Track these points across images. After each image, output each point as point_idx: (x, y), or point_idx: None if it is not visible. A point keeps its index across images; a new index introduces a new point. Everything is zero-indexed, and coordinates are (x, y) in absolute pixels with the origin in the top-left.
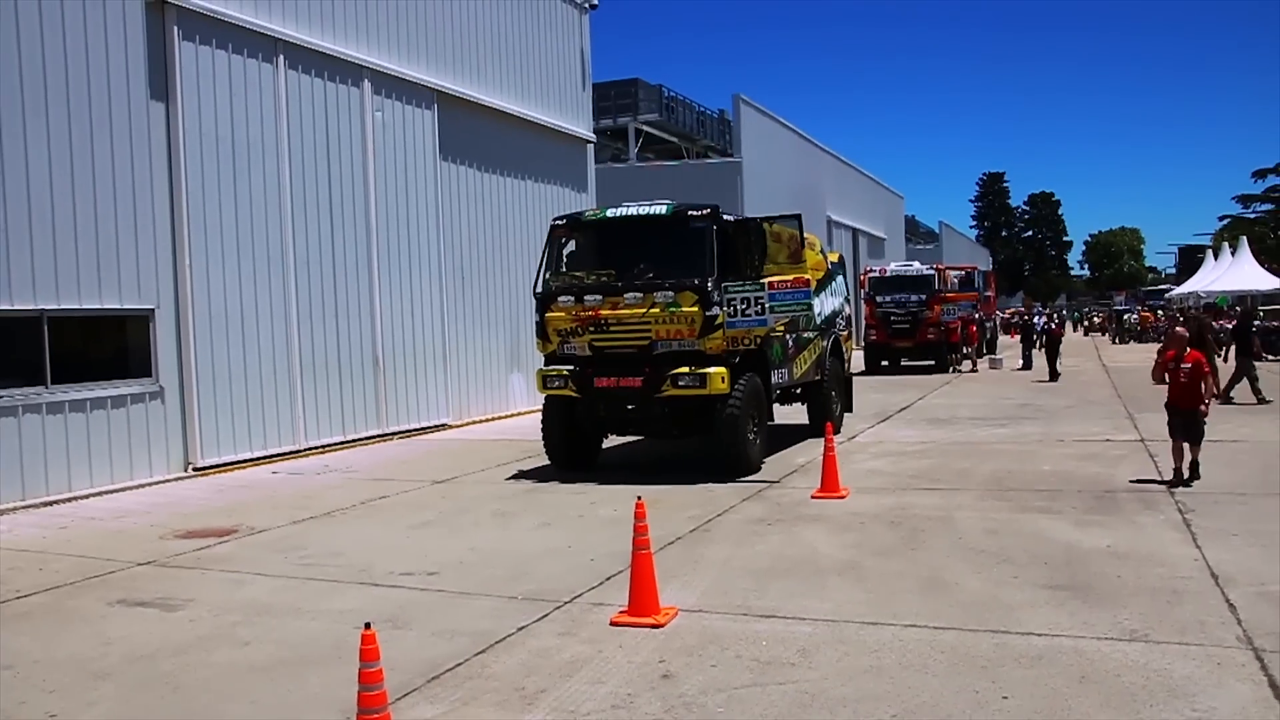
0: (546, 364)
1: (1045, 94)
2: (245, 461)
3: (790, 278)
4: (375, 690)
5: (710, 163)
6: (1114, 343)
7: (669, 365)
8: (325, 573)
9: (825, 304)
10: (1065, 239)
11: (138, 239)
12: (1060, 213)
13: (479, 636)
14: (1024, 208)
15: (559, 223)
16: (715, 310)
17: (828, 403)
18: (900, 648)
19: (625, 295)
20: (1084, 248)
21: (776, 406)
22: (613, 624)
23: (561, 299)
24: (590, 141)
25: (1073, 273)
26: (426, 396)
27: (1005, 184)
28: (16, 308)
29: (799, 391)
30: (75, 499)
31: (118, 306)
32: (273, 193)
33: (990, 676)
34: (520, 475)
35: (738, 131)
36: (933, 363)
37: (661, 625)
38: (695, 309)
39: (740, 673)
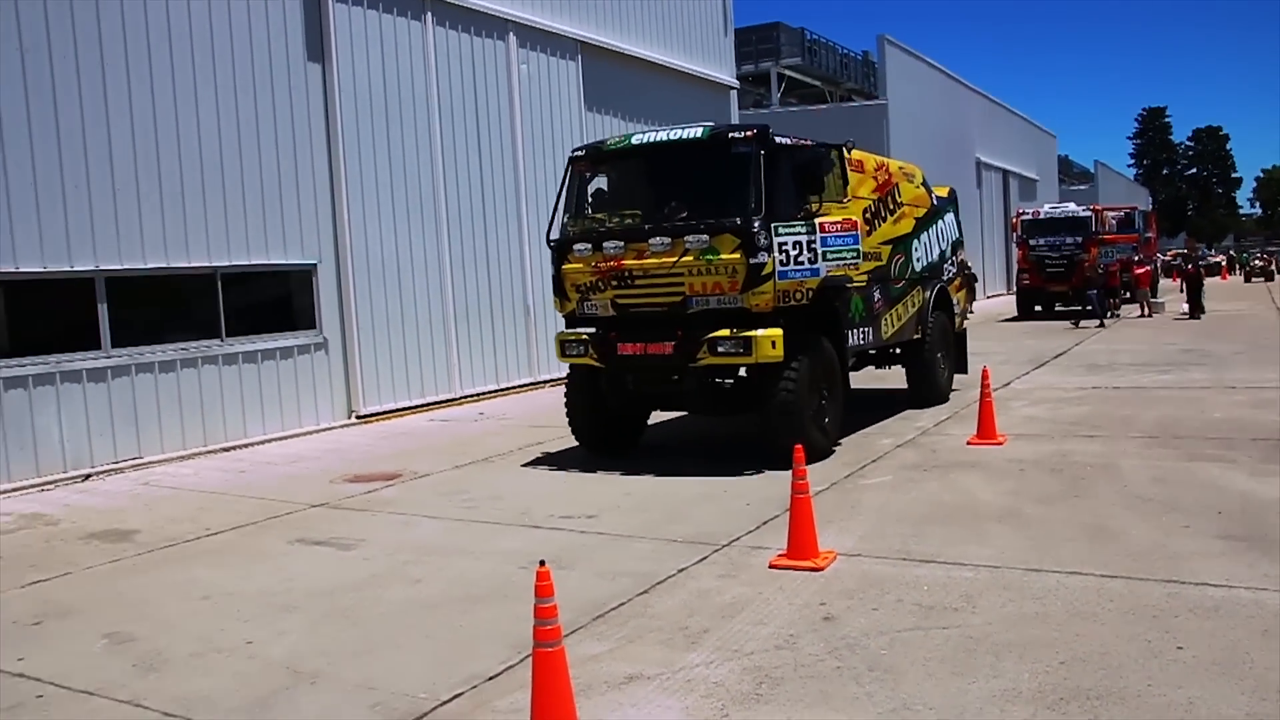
0: (568, 327)
1: (1210, 22)
2: (404, 409)
3: (838, 219)
4: (550, 625)
5: (855, 106)
6: None
7: (707, 327)
8: (487, 515)
9: (928, 247)
10: (1234, 176)
11: (299, 196)
12: (1228, 148)
13: (640, 577)
14: (1188, 144)
15: (578, 154)
16: (762, 257)
17: (932, 365)
18: (1066, 595)
19: (651, 241)
20: (1255, 185)
21: (871, 370)
22: (771, 567)
23: (578, 247)
24: (733, 88)
25: (1242, 212)
26: None
27: (1167, 119)
28: (194, 264)
29: (897, 352)
30: (251, 445)
31: (283, 261)
32: (424, 147)
33: (1163, 626)
34: (671, 421)
35: (883, 73)
36: (1089, 308)
37: (821, 569)
38: (736, 256)
39: (902, 616)
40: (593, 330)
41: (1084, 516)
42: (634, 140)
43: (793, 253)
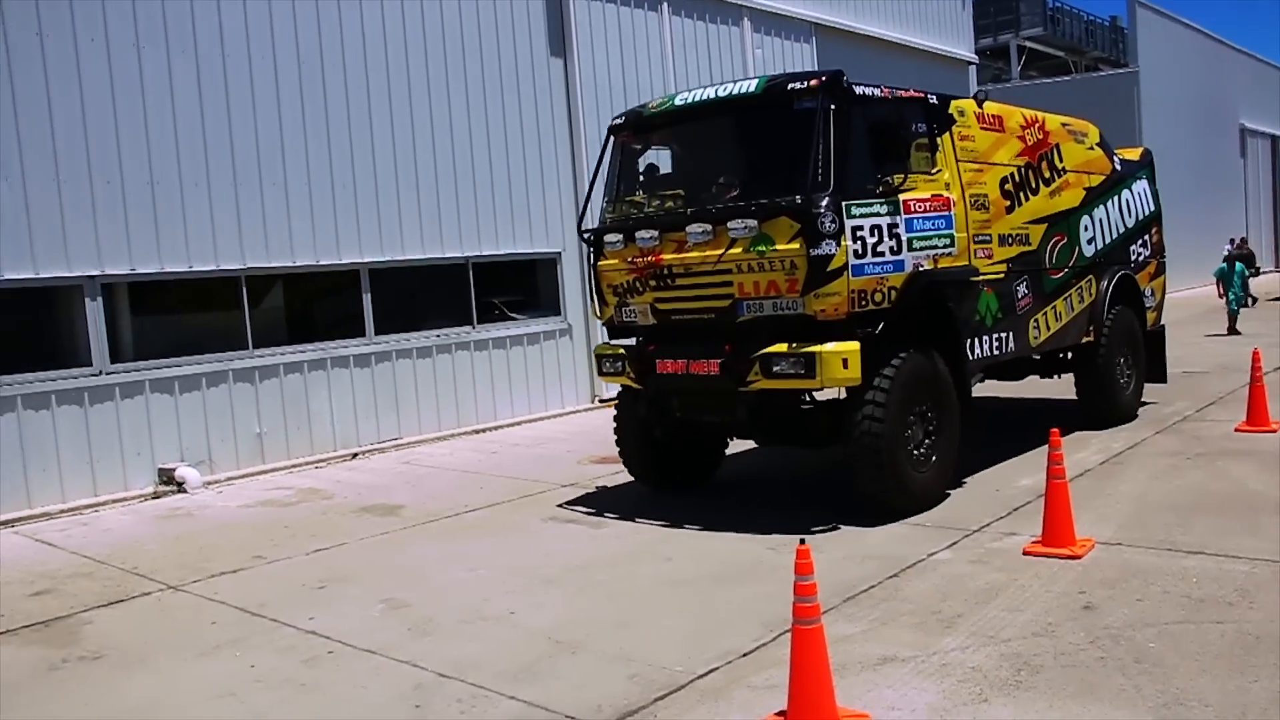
0: (609, 337)
1: None
2: None
3: (926, 196)
4: (809, 602)
5: (1102, 75)
6: None
7: (763, 339)
8: (734, 499)
9: (1105, 225)
10: None
11: (544, 187)
12: None
13: (889, 561)
14: None
15: (617, 122)
16: (828, 247)
17: (1109, 375)
18: None
19: (689, 229)
20: None
21: (1034, 379)
22: (1025, 554)
23: (610, 239)
24: (972, 63)
25: None
26: None
27: None
28: (447, 255)
29: (1067, 357)
30: (500, 427)
31: (529, 251)
32: None
33: None
34: None
35: (1133, 38)
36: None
37: (1078, 556)
38: (795, 246)
39: (1169, 608)
40: (631, 342)
41: None
42: (678, 101)
43: (870, 240)
